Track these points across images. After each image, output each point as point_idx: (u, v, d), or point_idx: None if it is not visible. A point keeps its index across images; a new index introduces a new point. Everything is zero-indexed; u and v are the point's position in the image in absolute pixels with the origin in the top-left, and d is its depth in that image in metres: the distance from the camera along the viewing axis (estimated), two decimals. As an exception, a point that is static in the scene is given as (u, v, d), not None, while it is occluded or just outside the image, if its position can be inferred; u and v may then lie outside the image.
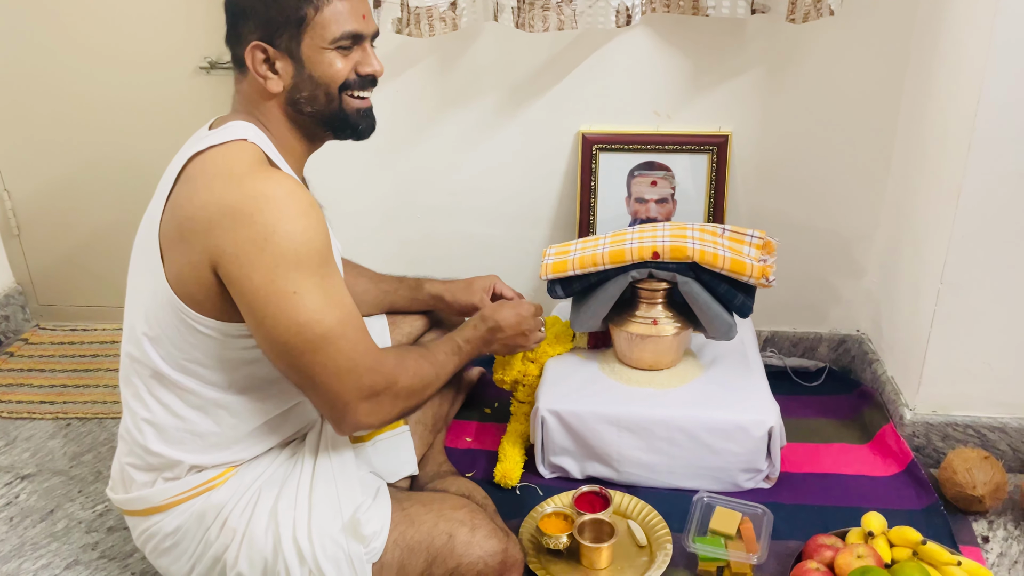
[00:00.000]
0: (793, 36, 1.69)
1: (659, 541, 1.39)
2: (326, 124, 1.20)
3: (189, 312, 1.11)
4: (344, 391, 1.12)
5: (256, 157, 1.12)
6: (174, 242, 1.10)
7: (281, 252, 1.05)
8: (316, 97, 1.16)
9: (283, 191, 1.07)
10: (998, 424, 1.58)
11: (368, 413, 1.15)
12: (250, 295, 1.06)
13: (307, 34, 1.13)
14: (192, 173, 1.11)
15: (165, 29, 1.99)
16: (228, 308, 1.10)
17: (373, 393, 1.14)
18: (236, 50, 1.16)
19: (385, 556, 1.18)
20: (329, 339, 1.08)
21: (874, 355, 1.84)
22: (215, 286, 1.09)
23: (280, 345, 1.08)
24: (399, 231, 1.96)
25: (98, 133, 2.11)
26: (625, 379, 1.60)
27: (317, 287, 1.08)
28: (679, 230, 1.57)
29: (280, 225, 1.05)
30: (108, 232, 2.19)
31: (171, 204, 1.11)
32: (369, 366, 1.13)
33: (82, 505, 1.60)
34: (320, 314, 1.07)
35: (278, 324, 1.06)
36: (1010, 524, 1.47)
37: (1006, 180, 1.41)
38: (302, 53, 1.14)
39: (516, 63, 1.78)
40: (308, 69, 1.14)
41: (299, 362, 1.10)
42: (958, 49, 1.47)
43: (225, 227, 1.05)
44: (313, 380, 1.11)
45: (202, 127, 1.20)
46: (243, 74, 1.17)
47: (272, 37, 1.13)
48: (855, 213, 1.82)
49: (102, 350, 2.19)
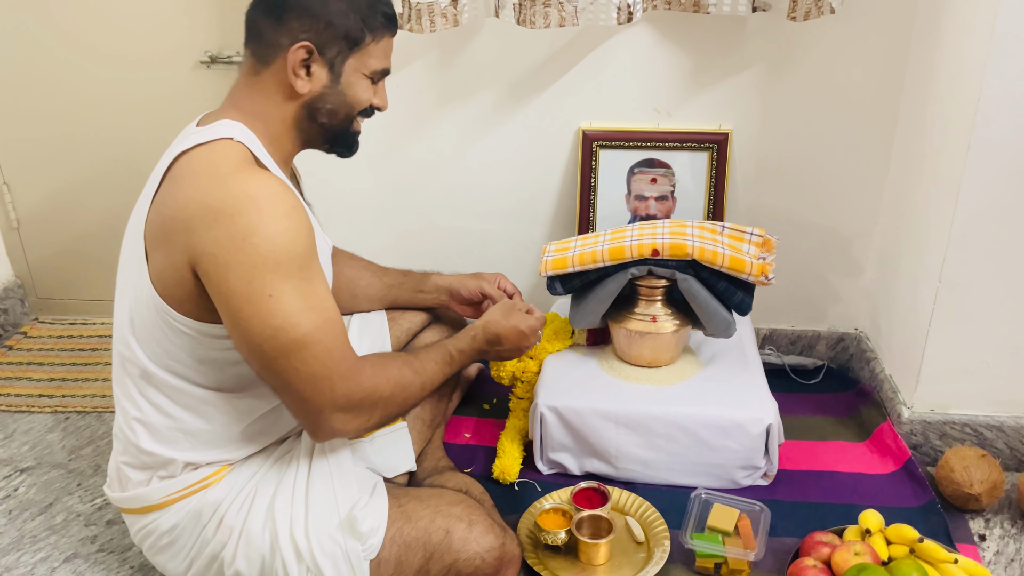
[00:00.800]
0: (794, 34, 1.68)
1: (657, 537, 1.40)
2: (330, 138, 1.23)
3: (170, 311, 1.10)
4: (317, 399, 1.10)
5: (242, 156, 1.11)
6: (158, 241, 1.09)
7: (259, 254, 1.04)
8: (336, 112, 1.19)
9: (266, 192, 1.06)
10: (995, 423, 1.58)
11: (343, 422, 1.14)
12: (227, 296, 1.05)
13: (355, 56, 1.17)
14: (178, 172, 1.10)
15: (164, 23, 1.98)
16: (207, 308, 1.10)
17: (349, 402, 1.12)
18: (273, 40, 1.14)
19: (382, 552, 1.18)
20: (303, 344, 1.06)
21: (872, 353, 1.84)
22: (195, 286, 1.08)
23: (255, 348, 1.07)
24: (397, 225, 1.96)
25: (98, 128, 2.11)
26: (624, 376, 1.60)
27: (294, 290, 1.06)
28: (679, 227, 1.57)
29: (260, 226, 1.04)
30: (107, 226, 2.19)
31: (156, 203, 1.11)
32: (344, 374, 1.11)
33: (81, 498, 1.60)
34: (296, 318, 1.06)
35: (252, 327, 1.05)
36: (1007, 522, 1.48)
37: (1006, 179, 1.41)
38: (344, 70, 1.17)
39: (517, 59, 1.77)
40: (342, 86, 1.18)
41: (273, 366, 1.08)
42: (958, 48, 1.47)
43: (205, 226, 1.04)
44: (287, 385, 1.10)
45: (190, 124, 1.19)
46: (264, 65, 1.15)
47: (324, 44, 1.14)
48: (854, 211, 1.82)
49: (101, 344, 2.19)
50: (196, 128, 1.15)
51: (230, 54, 1.99)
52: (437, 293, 1.59)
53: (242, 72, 1.18)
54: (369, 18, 1.16)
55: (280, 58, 1.14)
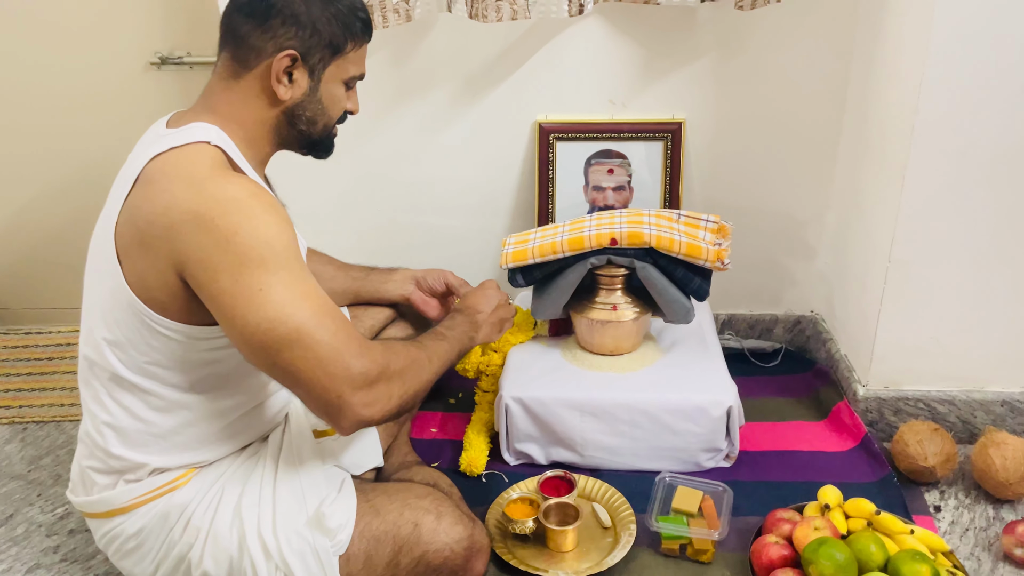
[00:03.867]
0: (742, 23, 1.71)
1: (623, 522, 1.42)
2: (307, 144, 1.25)
3: (152, 315, 1.09)
4: (333, 383, 1.07)
5: (217, 160, 1.10)
6: (133, 245, 1.08)
7: (244, 251, 1.04)
8: (315, 121, 1.21)
9: (245, 193, 1.06)
10: (947, 397, 1.63)
11: (365, 404, 1.09)
12: (219, 298, 1.05)
13: (335, 63, 1.18)
14: (151, 175, 1.08)
15: (113, 24, 1.95)
16: (195, 311, 1.09)
17: (366, 380, 1.09)
18: (257, 45, 1.13)
19: (351, 548, 1.18)
20: (305, 331, 1.05)
21: (828, 334, 1.89)
22: (182, 290, 1.08)
23: (256, 345, 1.06)
24: (358, 225, 1.96)
25: (48, 133, 2.07)
26: (587, 365, 1.62)
27: (283, 283, 1.05)
28: (636, 216, 1.60)
29: (243, 225, 1.04)
30: (61, 233, 2.15)
31: (128, 206, 1.09)
32: (355, 352, 1.08)
33: (42, 509, 1.58)
34: (290, 307, 1.05)
35: (248, 323, 1.04)
36: (960, 493, 1.52)
37: (949, 160, 1.45)
38: (323, 77, 1.18)
39: (471, 54, 1.78)
40: (320, 93, 1.19)
41: (279, 360, 1.06)
42: (900, 33, 1.51)
43: (188, 232, 1.04)
44: (298, 378, 1.07)
45: (157, 124, 1.18)
46: (245, 69, 1.14)
47: (308, 51, 1.15)
48: (806, 196, 1.86)
49: (58, 353, 2.15)
50: (167, 130, 1.14)
51: (181, 55, 1.96)
52: (404, 283, 1.59)
53: (218, 75, 1.17)
54: (350, 25, 1.18)
55: (262, 63, 1.14)
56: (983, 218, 1.49)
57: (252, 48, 1.14)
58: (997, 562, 1.36)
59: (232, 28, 1.15)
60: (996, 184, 1.46)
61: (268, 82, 1.14)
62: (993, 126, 1.42)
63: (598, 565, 1.33)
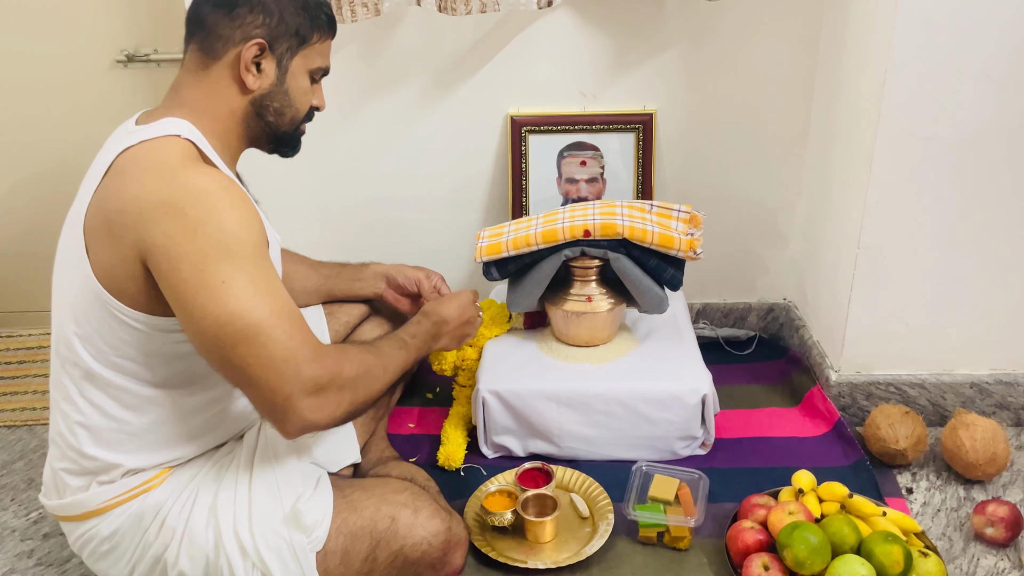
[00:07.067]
0: (710, 13, 1.72)
1: (601, 511, 1.42)
2: (275, 138, 1.25)
3: (118, 306, 1.08)
4: (283, 385, 1.06)
5: (188, 153, 1.10)
6: (101, 236, 1.07)
7: (211, 243, 1.03)
8: (284, 113, 1.22)
9: (216, 185, 1.06)
10: (917, 381, 1.65)
11: (313, 409, 1.09)
12: (179, 287, 1.04)
13: (302, 53, 1.20)
14: (121, 166, 1.08)
15: (78, 22, 1.93)
16: (158, 301, 1.08)
17: (316, 386, 1.08)
18: (224, 34, 1.14)
19: (328, 544, 1.18)
20: (261, 329, 1.05)
21: (800, 321, 1.91)
22: (145, 280, 1.07)
23: (211, 339, 1.05)
24: (331, 220, 1.95)
25: (11, 131, 2.03)
26: (563, 356, 1.63)
27: (247, 277, 1.05)
28: (609, 208, 1.60)
29: (211, 216, 1.04)
30: (28, 234, 2.12)
31: (97, 197, 1.08)
32: (308, 357, 1.08)
33: (15, 513, 1.56)
34: (251, 303, 1.04)
35: (207, 315, 1.04)
36: (932, 475, 1.54)
37: (915, 144, 1.47)
38: (290, 66, 1.19)
39: (441, 47, 1.77)
40: (287, 83, 1.20)
41: (231, 355, 1.05)
42: (866, 20, 1.52)
43: (156, 220, 1.03)
44: (248, 375, 1.06)
45: (126, 123, 1.17)
46: (213, 60, 1.15)
47: (275, 39, 1.16)
48: (777, 185, 1.88)
49: (28, 356, 2.12)
50: (136, 127, 1.13)
51: (147, 52, 1.94)
52: (375, 280, 1.59)
53: (186, 68, 1.17)
54: (316, 17, 1.19)
55: (231, 52, 1.14)
56: (950, 202, 1.51)
57: (220, 37, 1.14)
58: (969, 541, 1.39)
59: (199, 19, 1.15)
60: (962, 168, 1.48)
61: (237, 71, 1.15)
62: (958, 111, 1.44)
63: (577, 555, 1.33)
